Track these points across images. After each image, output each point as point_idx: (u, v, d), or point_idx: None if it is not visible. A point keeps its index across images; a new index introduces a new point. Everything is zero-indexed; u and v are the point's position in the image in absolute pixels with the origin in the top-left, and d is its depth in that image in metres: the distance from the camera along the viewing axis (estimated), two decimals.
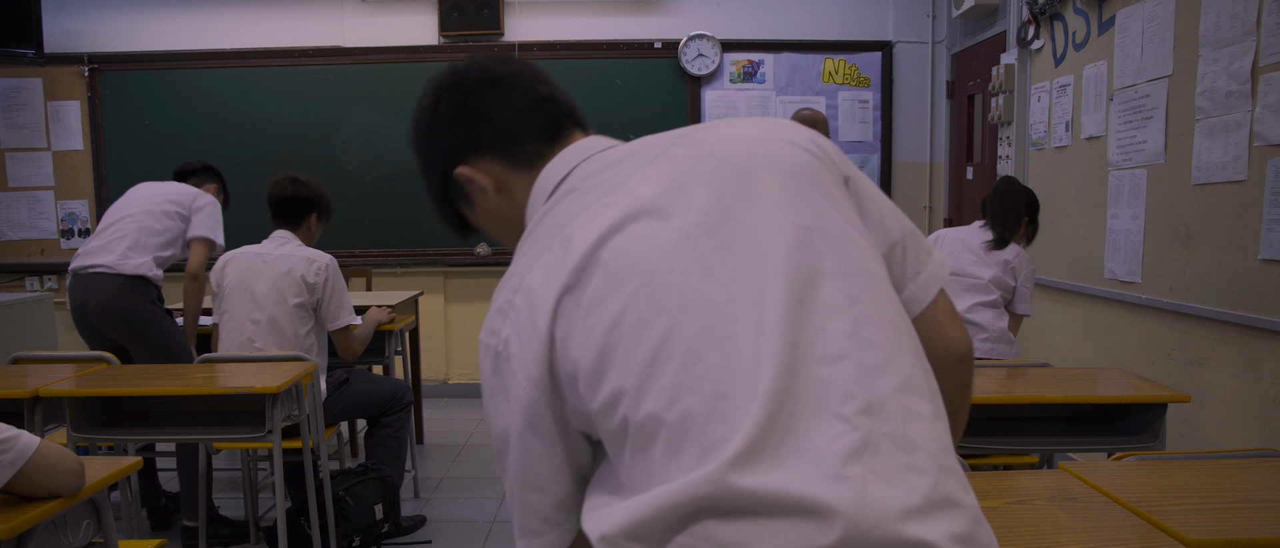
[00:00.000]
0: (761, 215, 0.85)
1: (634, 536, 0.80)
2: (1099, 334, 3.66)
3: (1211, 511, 1.36)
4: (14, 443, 1.45)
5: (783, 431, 0.78)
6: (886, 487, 0.76)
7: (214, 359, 2.88)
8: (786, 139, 0.92)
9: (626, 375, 0.82)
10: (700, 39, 5.38)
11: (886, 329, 0.85)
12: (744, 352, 0.80)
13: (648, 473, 0.81)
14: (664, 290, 0.83)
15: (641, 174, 0.90)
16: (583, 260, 0.85)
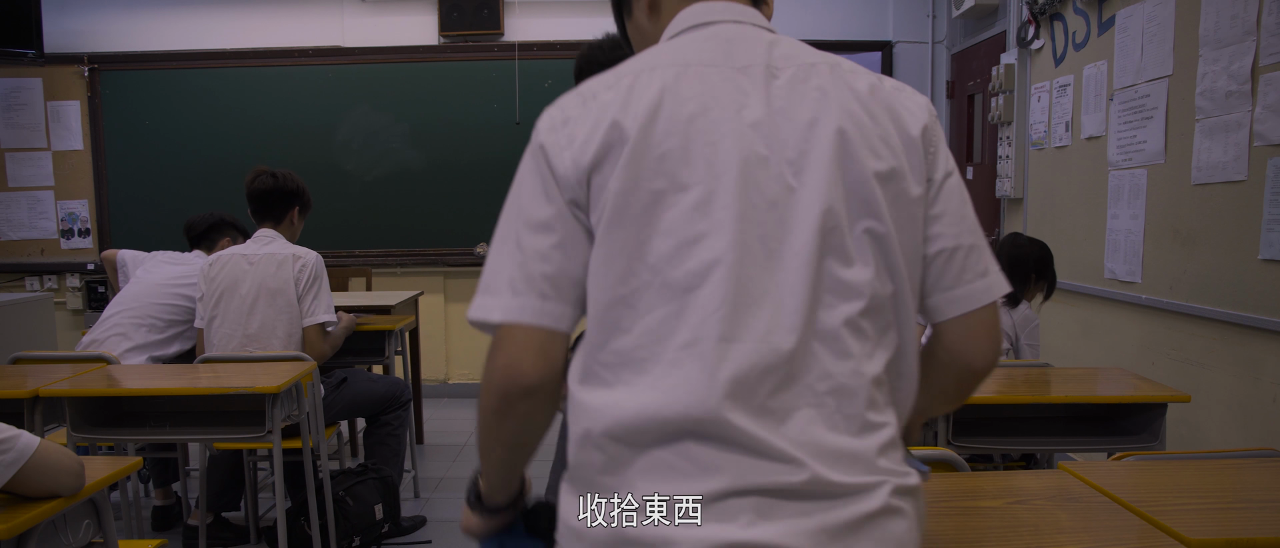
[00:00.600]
0: (804, 196, 0.90)
1: (619, 438, 0.85)
2: (1099, 334, 3.66)
3: (1211, 511, 1.36)
4: (14, 443, 1.45)
5: (774, 378, 0.86)
6: (821, 436, 0.86)
7: (214, 359, 2.88)
8: (869, 144, 0.93)
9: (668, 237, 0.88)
10: None
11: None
12: (768, 288, 0.87)
13: (633, 340, 0.87)
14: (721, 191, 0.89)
15: (745, 94, 0.93)
16: (678, 131, 0.90)
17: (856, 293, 0.90)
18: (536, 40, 5.31)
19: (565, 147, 0.91)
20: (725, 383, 0.84)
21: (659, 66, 0.93)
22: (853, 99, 0.93)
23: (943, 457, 1.64)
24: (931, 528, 1.31)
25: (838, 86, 0.94)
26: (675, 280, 0.87)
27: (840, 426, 0.88)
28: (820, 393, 0.88)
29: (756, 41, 0.99)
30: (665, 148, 0.89)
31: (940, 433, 2.27)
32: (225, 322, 2.98)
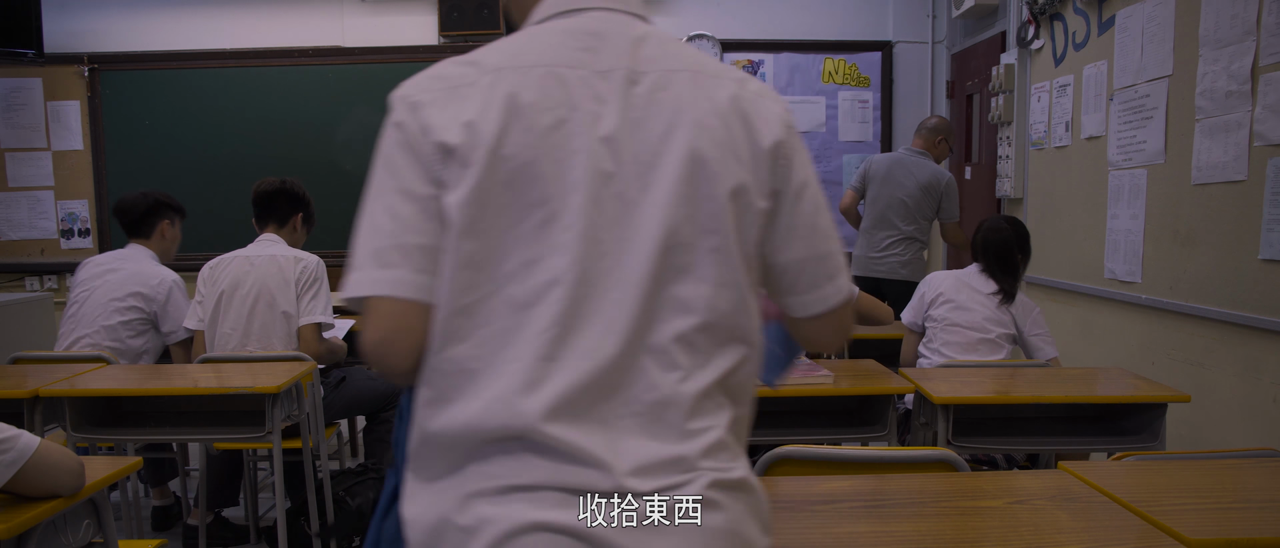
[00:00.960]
0: (649, 208, 0.93)
1: (450, 442, 0.91)
2: (1099, 334, 3.66)
3: (1211, 511, 1.36)
4: (14, 443, 1.45)
5: (597, 392, 0.90)
6: (639, 446, 0.90)
7: (214, 359, 2.88)
8: (732, 148, 0.96)
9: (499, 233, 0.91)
10: (700, 39, 5.37)
11: None
12: (601, 307, 0.91)
13: (469, 351, 0.91)
14: (564, 199, 0.91)
15: (602, 102, 0.94)
16: (529, 117, 0.92)
17: (691, 309, 0.93)
18: None
19: (420, 133, 0.93)
20: (547, 400, 0.88)
21: (520, 67, 0.94)
22: (710, 111, 0.95)
23: (943, 457, 1.64)
24: (932, 528, 1.31)
25: (696, 98, 0.95)
26: (515, 297, 0.91)
27: (660, 434, 0.91)
28: (645, 403, 0.91)
29: (623, 38, 0.98)
30: (518, 162, 0.91)
31: (940, 433, 2.27)
32: (225, 323, 2.97)
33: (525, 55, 0.95)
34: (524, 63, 0.94)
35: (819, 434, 2.41)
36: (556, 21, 1.00)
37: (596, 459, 0.88)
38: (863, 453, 1.70)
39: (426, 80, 0.96)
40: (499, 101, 0.92)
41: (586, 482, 0.88)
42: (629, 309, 0.91)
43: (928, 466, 1.65)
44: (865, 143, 5.51)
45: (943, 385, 2.31)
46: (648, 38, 0.99)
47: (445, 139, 0.91)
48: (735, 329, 0.96)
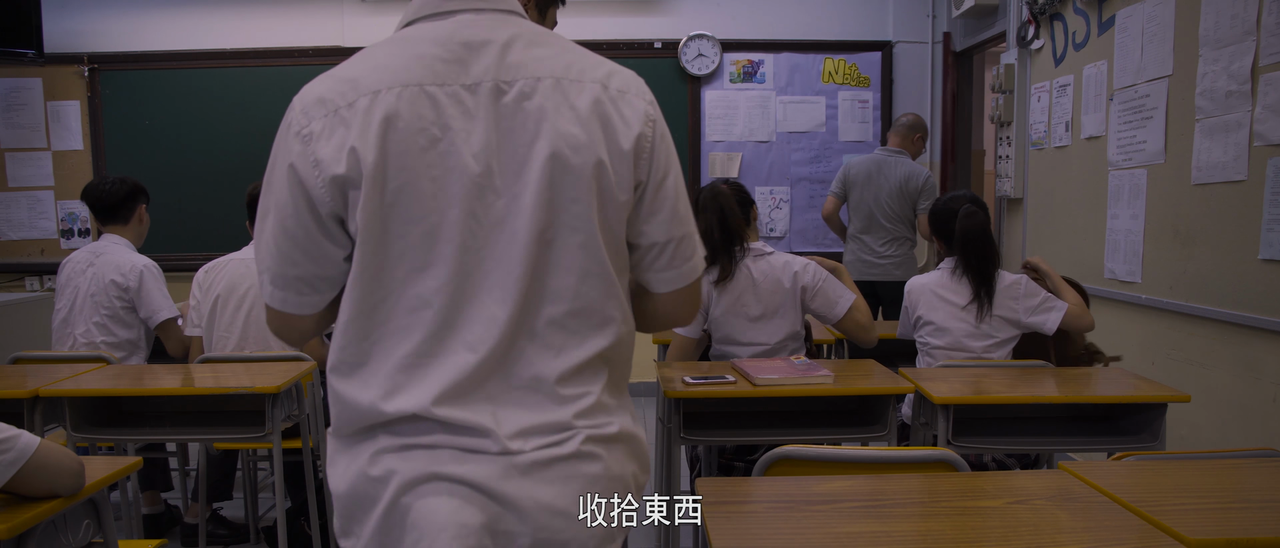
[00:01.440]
0: (521, 212, 1.05)
1: (361, 418, 1.06)
2: (1099, 334, 3.65)
3: (1211, 511, 1.36)
4: (14, 443, 1.45)
5: (483, 375, 1.05)
6: (521, 415, 1.05)
7: (214, 359, 2.88)
8: (593, 149, 1.06)
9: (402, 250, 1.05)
10: (700, 39, 5.38)
11: None
12: (484, 304, 1.05)
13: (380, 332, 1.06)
14: (434, 215, 1.04)
15: (470, 116, 1.04)
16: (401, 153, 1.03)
17: (561, 298, 1.07)
18: None
19: (310, 165, 1.03)
20: (435, 389, 1.04)
21: (394, 87, 1.02)
22: (572, 119, 1.05)
23: (943, 457, 1.64)
24: (932, 528, 1.31)
25: (558, 106, 1.05)
26: (406, 301, 1.05)
27: (539, 404, 1.06)
28: (525, 379, 1.06)
29: (493, 44, 1.06)
30: (398, 183, 1.02)
31: (940, 433, 2.27)
32: (220, 327, 2.97)
33: (395, 72, 1.04)
34: (396, 82, 1.03)
35: (819, 434, 2.41)
36: (426, 26, 1.08)
37: (483, 429, 1.03)
38: (863, 453, 1.70)
39: (314, 105, 1.05)
40: (376, 126, 1.01)
41: (476, 446, 1.04)
42: (508, 303, 1.05)
43: (928, 466, 1.65)
44: (865, 143, 5.51)
45: (943, 386, 2.31)
46: (516, 40, 1.07)
47: (335, 172, 1.02)
48: (604, 311, 1.09)
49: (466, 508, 1.03)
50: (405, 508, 1.04)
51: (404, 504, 1.04)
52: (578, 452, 1.07)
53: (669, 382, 2.33)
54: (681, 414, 2.35)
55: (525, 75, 1.05)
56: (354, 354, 1.07)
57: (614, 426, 1.10)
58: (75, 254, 3.28)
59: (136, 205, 3.32)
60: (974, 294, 2.67)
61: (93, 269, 3.19)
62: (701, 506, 1.39)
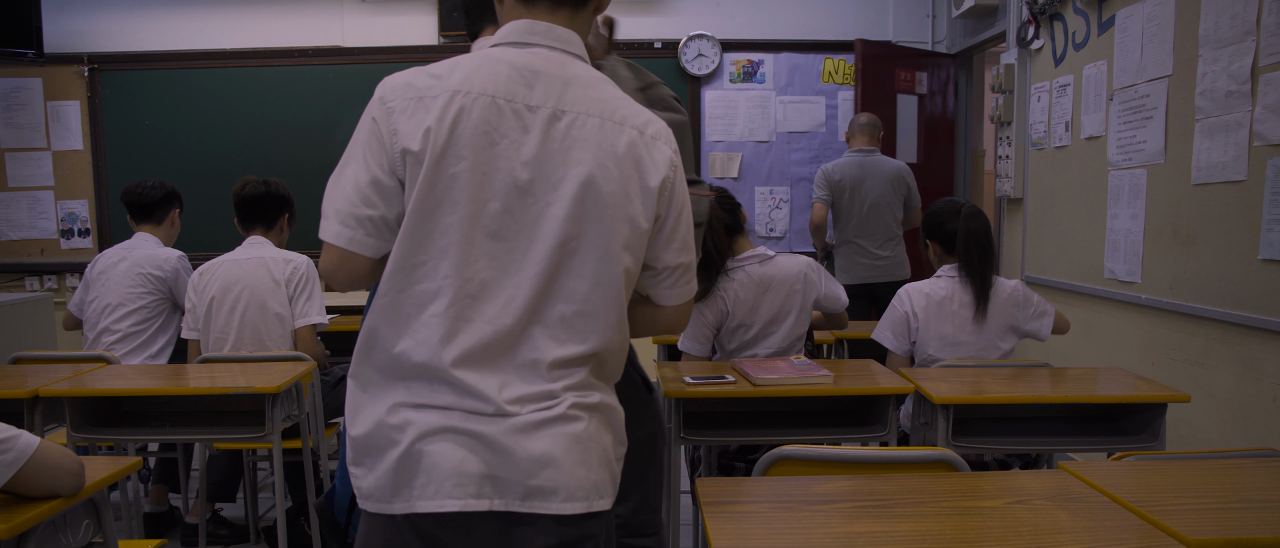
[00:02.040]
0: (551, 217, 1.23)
1: (387, 363, 1.24)
2: (1099, 334, 3.66)
3: (1211, 511, 1.36)
4: (14, 443, 1.45)
5: (495, 349, 1.23)
6: (519, 386, 1.23)
7: (214, 359, 2.88)
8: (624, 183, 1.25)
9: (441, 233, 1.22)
10: (700, 39, 5.38)
11: None
12: (505, 287, 1.22)
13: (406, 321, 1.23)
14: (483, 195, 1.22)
15: (526, 131, 1.23)
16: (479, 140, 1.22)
17: (573, 299, 1.24)
18: None
19: (390, 135, 1.22)
20: (456, 352, 1.21)
21: (470, 92, 1.22)
22: (609, 154, 1.24)
23: (943, 457, 1.64)
24: (932, 528, 1.31)
25: (600, 141, 1.24)
26: (442, 269, 1.21)
27: (532, 380, 1.23)
28: (528, 359, 1.23)
29: (556, 78, 1.25)
30: (455, 170, 1.20)
31: (941, 433, 2.27)
32: (216, 328, 2.97)
33: (477, 81, 1.23)
34: (474, 89, 1.22)
35: (819, 434, 2.41)
36: (506, 51, 1.27)
37: (486, 395, 1.21)
38: (863, 453, 1.70)
39: (402, 88, 1.23)
40: (451, 117, 1.20)
41: (479, 408, 1.21)
42: (526, 292, 1.22)
43: (928, 466, 1.65)
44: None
45: (943, 386, 2.31)
46: (575, 80, 1.26)
47: (408, 146, 1.20)
48: (606, 318, 1.26)
49: (471, 458, 1.21)
50: (419, 453, 1.21)
51: (418, 449, 1.21)
52: (564, 414, 1.24)
53: (669, 382, 2.33)
54: (681, 414, 2.35)
55: (578, 110, 1.24)
56: (390, 302, 1.23)
57: (596, 396, 1.28)
58: (108, 251, 3.37)
59: (171, 208, 3.46)
60: (976, 299, 2.63)
61: (124, 264, 3.27)
62: (702, 506, 1.39)
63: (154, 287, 3.26)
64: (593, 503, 1.25)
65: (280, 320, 2.97)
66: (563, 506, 1.23)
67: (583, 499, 1.24)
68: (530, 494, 1.22)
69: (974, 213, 2.67)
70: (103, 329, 3.22)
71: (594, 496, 1.25)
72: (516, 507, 1.22)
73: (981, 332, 2.64)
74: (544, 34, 1.28)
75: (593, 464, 1.25)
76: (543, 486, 1.22)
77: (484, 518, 1.23)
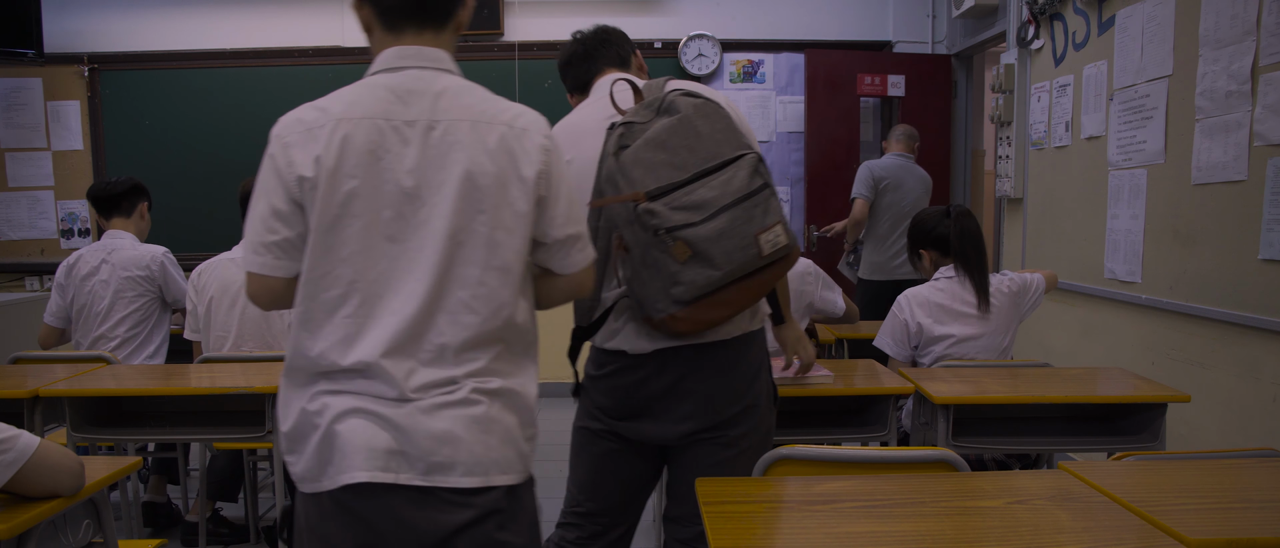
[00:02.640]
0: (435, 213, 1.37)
1: (310, 364, 1.37)
2: (1099, 334, 3.66)
3: (1211, 511, 1.36)
4: (14, 443, 1.45)
5: (404, 338, 1.35)
6: (426, 372, 1.36)
7: (214, 359, 2.88)
8: (500, 161, 1.38)
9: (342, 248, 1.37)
10: (700, 39, 5.38)
11: None
12: (406, 283, 1.36)
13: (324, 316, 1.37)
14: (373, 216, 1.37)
15: (406, 144, 1.37)
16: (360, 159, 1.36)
17: (468, 284, 1.36)
18: (536, 40, 5.32)
19: (287, 167, 1.35)
20: (366, 345, 1.35)
21: (353, 118, 1.36)
22: (482, 151, 1.37)
23: (943, 457, 1.64)
24: (931, 528, 1.31)
25: (474, 140, 1.37)
26: (346, 275, 1.36)
27: (441, 363, 1.36)
28: (435, 345, 1.36)
29: (428, 93, 1.39)
30: (348, 188, 1.34)
31: (941, 433, 2.27)
32: (216, 327, 2.97)
33: (357, 108, 1.38)
34: (356, 115, 1.37)
35: (819, 434, 2.41)
36: (382, 77, 1.41)
37: (393, 381, 1.34)
38: (863, 453, 1.70)
39: (293, 123, 1.38)
40: (337, 143, 1.34)
41: (385, 393, 1.35)
42: (425, 283, 1.35)
43: (928, 466, 1.65)
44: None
45: (943, 386, 2.31)
46: (446, 91, 1.39)
47: (303, 173, 1.34)
48: (501, 297, 1.38)
49: (380, 434, 1.34)
50: (334, 433, 1.35)
51: (333, 430, 1.35)
52: (465, 399, 1.36)
53: None
54: None
55: (450, 117, 1.37)
56: (304, 311, 1.38)
57: (496, 382, 1.39)
58: (82, 256, 3.26)
59: (139, 200, 3.38)
60: (978, 294, 2.65)
61: (108, 267, 3.23)
62: (702, 506, 1.39)
63: (144, 289, 3.24)
64: (492, 478, 1.37)
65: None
66: (462, 479, 1.35)
67: (481, 474, 1.36)
68: (432, 469, 1.34)
69: (963, 213, 2.71)
70: (98, 336, 3.20)
71: (495, 471, 1.38)
72: (420, 481, 1.34)
73: (988, 325, 2.66)
74: (413, 56, 1.42)
75: (493, 443, 1.37)
76: (443, 462, 1.34)
77: (394, 491, 1.35)
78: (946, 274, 2.71)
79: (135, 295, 3.23)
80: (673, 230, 1.55)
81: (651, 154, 1.59)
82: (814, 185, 5.33)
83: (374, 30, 1.45)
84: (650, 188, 1.58)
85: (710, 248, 1.56)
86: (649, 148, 1.60)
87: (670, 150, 1.59)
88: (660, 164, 1.59)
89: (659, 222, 1.56)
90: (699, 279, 1.57)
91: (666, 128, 1.61)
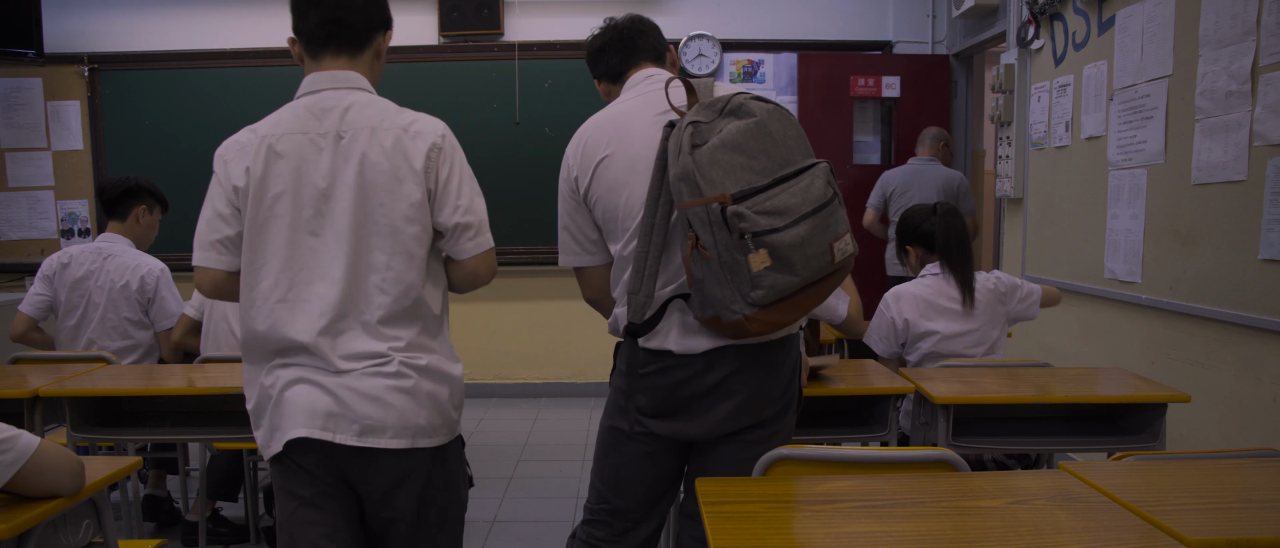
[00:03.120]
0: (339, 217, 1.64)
1: (260, 344, 1.66)
2: (1099, 334, 3.66)
3: (1211, 511, 1.36)
4: (14, 443, 1.45)
5: (331, 319, 1.62)
6: (356, 346, 1.63)
7: (214, 359, 2.88)
8: (390, 163, 1.64)
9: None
10: (700, 39, 5.38)
11: None
12: (328, 271, 1.62)
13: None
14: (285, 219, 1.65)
15: (320, 152, 1.64)
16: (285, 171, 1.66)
17: (377, 268, 1.62)
18: (536, 40, 5.31)
19: (226, 178, 1.65)
20: (300, 325, 1.61)
21: (277, 134, 1.65)
22: (379, 152, 1.62)
23: (943, 457, 1.64)
24: (932, 528, 1.31)
25: (371, 144, 1.62)
26: (275, 266, 1.62)
27: (368, 341, 1.61)
28: (361, 322, 1.61)
29: (338, 108, 1.65)
30: (275, 190, 1.62)
31: (941, 433, 2.27)
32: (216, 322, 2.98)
33: (281, 125, 1.66)
34: (279, 131, 1.65)
35: (819, 434, 2.41)
36: (304, 99, 1.69)
37: (326, 356, 1.60)
38: (863, 453, 1.70)
39: (232, 144, 1.68)
40: (263, 156, 1.63)
41: (322, 366, 1.61)
42: (341, 269, 1.61)
43: (928, 466, 1.65)
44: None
45: (943, 386, 2.31)
46: (353, 105, 1.66)
47: (237, 183, 1.64)
48: (408, 278, 1.63)
49: (321, 398, 1.60)
50: (283, 399, 1.62)
51: (282, 397, 1.62)
52: (396, 372, 1.61)
53: None
54: None
55: (354, 126, 1.63)
56: (246, 300, 1.64)
57: (424, 359, 1.64)
58: (75, 255, 3.19)
59: (135, 204, 3.24)
60: (962, 290, 2.68)
61: (105, 273, 3.15)
62: (702, 506, 1.39)
63: (138, 301, 3.17)
64: (418, 441, 1.63)
65: None
66: (391, 442, 1.60)
67: (409, 437, 1.61)
68: (365, 431, 1.59)
69: (948, 211, 2.76)
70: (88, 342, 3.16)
71: (422, 436, 1.63)
72: (354, 441, 1.59)
73: (973, 322, 2.69)
74: (328, 79, 1.68)
75: (420, 411, 1.62)
76: (375, 425, 1.59)
77: (332, 449, 1.60)
78: (932, 271, 2.75)
79: (130, 306, 3.16)
80: (759, 235, 1.54)
81: (729, 157, 1.57)
82: None
83: (305, 60, 1.73)
84: (733, 190, 1.56)
85: (792, 254, 1.55)
86: (726, 150, 1.57)
87: (748, 153, 1.58)
88: (738, 167, 1.57)
89: (747, 226, 1.53)
90: (779, 284, 1.56)
91: (743, 131, 1.59)
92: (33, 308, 3.18)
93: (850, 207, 5.02)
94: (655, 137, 1.69)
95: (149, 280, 3.17)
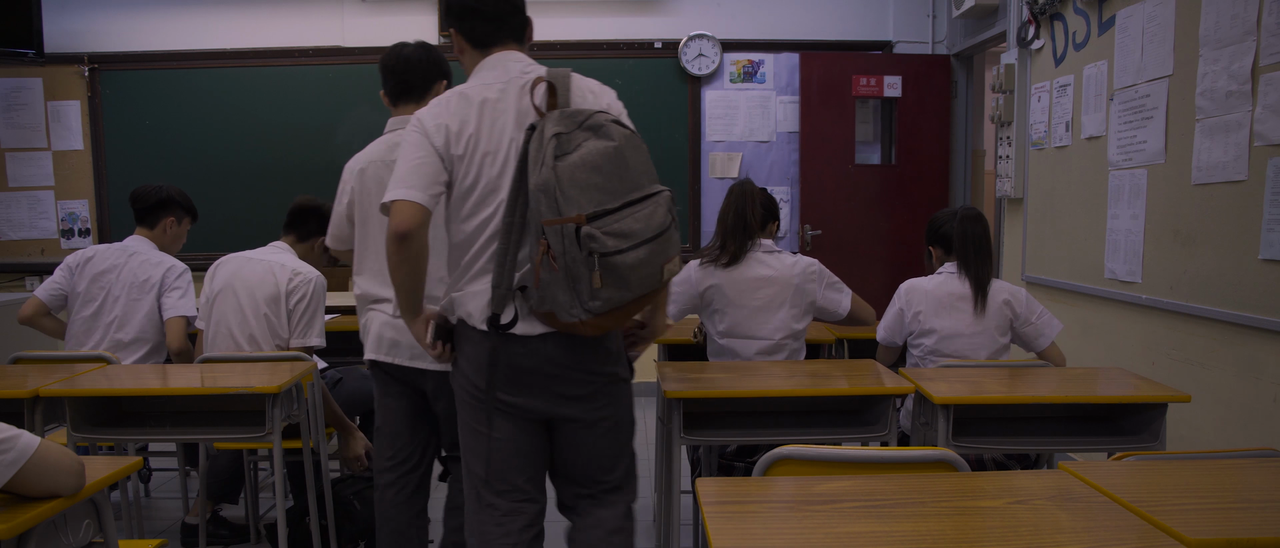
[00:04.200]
0: None
1: (364, 296, 2.44)
2: (1099, 334, 3.66)
3: (1211, 511, 1.36)
4: (14, 443, 1.45)
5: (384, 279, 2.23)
6: None
7: (214, 359, 2.88)
8: None
9: None
10: (700, 39, 5.38)
11: None
12: None
13: None
14: None
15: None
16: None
17: (378, 244, 2.37)
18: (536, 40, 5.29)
19: (342, 196, 2.43)
20: (376, 283, 2.34)
21: (363, 161, 2.41)
22: (381, 165, 2.38)
23: (943, 457, 1.64)
24: (932, 528, 1.31)
25: (371, 158, 2.43)
26: (370, 246, 2.40)
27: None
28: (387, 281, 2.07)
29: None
30: (363, 201, 2.43)
31: (941, 433, 2.27)
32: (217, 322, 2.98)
33: (361, 158, 2.43)
34: (363, 161, 2.41)
35: (819, 434, 2.41)
36: (376, 143, 2.36)
37: (388, 302, 2.26)
38: (863, 453, 1.71)
39: (347, 172, 2.45)
40: (355, 173, 2.46)
41: (388, 310, 2.30)
42: (374, 247, 2.37)
43: (928, 466, 1.65)
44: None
45: (943, 386, 2.31)
46: (380, 142, 2.45)
47: (350, 198, 2.48)
48: (382, 251, 2.33)
49: (387, 331, 2.33)
50: (370, 331, 2.38)
51: (371, 329, 2.38)
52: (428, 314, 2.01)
53: (668, 381, 2.33)
54: (681, 414, 2.35)
55: (369, 159, 2.46)
56: (357, 265, 2.41)
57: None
58: (100, 251, 3.27)
59: (165, 214, 3.33)
60: (974, 294, 2.72)
61: (128, 268, 3.23)
62: (702, 506, 1.39)
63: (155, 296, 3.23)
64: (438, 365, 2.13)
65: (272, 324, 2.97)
66: (426, 364, 2.24)
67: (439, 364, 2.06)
68: (415, 356, 2.27)
69: (971, 216, 2.79)
70: (111, 341, 3.20)
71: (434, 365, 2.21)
72: (406, 362, 2.30)
73: (978, 326, 2.72)
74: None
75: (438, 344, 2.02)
76: (420, 352, 2.20)
77: (394, 367, 2.34)
78: (948, 270, 2.79)
79: (145, 302, 3.21)
80: (606, 255, 1.70)
81: (587, 177, 1.71)
82: (808, 186, 5.33)
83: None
84: (588, 210, 1.71)
85: (629, 274, 1.73)
86: (585, 170, 1.72)
87: (604, 175, 1.73)
88: (594, 188, 1.71)
89: (596, 246, 1.70)
90: (614, 297, 1.74)
91: (602, 153, 1.74)
92: (47, 294, 3.25)
93: (851, 207, 5.03)
94: (519, 140, 1.85)
95: (170, 275, 3.25)
